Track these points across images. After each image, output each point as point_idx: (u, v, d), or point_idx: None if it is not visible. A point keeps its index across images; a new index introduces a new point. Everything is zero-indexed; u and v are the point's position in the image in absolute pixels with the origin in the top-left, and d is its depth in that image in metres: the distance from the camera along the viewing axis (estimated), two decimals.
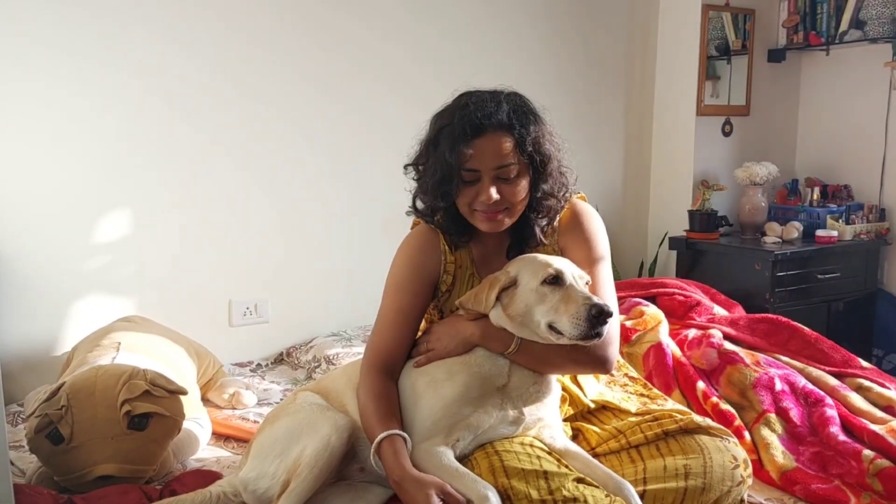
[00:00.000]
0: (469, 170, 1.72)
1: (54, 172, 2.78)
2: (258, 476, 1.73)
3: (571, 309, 1.61)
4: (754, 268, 3.66)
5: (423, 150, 1.81)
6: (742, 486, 1.73)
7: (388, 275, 1.88)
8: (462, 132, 1.69)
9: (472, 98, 1.76)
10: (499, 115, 1.71)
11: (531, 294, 1.67)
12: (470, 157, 1.70)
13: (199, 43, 3.00)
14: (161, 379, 2.11)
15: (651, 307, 2.88)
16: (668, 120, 4.21)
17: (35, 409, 2.04)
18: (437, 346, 1.78)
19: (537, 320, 1.66)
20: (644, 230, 4.37)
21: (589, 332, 1.59)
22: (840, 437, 2.20)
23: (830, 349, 2.66)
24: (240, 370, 3.09)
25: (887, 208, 3.99)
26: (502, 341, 1.72)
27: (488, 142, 1.71)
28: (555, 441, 1.76)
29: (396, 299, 1.84)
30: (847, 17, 3.89)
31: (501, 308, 1.71)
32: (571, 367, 1.78)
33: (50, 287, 2.80)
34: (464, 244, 1.89)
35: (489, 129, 1.70)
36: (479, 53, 3.66)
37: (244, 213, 3.17)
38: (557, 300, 1.64)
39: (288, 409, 1.84)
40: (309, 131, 3.28)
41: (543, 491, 1.57)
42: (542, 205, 1.82)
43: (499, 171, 1.72)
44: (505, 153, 1.72)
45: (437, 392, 1.71)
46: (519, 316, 1.69)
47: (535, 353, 1.71)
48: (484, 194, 1.72)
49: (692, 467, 1.70)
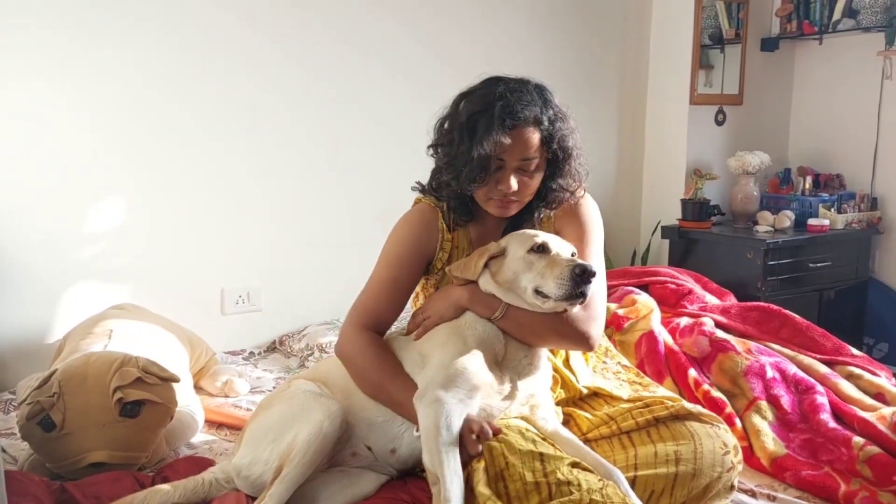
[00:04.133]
0: (499, 159, 1.76)
1: (47, 161, 2.76)
2: (251, 462, 1.74)
3: (556, 271, 1.66)
4: (746, 256, 3.67)
5: (455, 134, 1.80)
6: (732, 471, 1.76)
7: (384, 246, 1.92)
8: (500, 123, 1.73)
9: (504, 86, 1.79)
10: (534, 109, 1.77)
11: (518, 262, 1.72)
12: (506, 148, 1.74)
13: (193, 32, 2.98)
14: (153, 366, 2.11)
15: (643, 295, 2.89)
16: (661, 109, 4.21)
17: (27, 397, 2.03)
18: (430, 314, 1.83)
19: (524, 286, 1.71)
20: (637, 219, 4.38)
21: (573, 292, 1.64)
22: (830, 424, 2.21)
23: (821, 337, 2.67)
24: (232, 358, 3.09)
25: (879, 197, 4.00)
26: (489, 306, 1.76)
27: (521, 135, 1.76)
28: (546, 423, 1.78)
29: (391, 269, 1.88)
30: (840, 6, 3.89)
31: (490, 275, 1.77)
32: (555, 339, 1.80)
33: (42, 275, 2.79)
34: (463, 225, 1.94)
35: (524, 123, 1.75)
36: (472, 43, 3.65)
37: (237, 201, 3.16)
38: (543, 266, 1.69)
39: (282, 396, 1.85)
40: (303, 120, 3.27)
41: (538, 473, 1.58)
42: (553, 196, 1.88)
43: (522, 164, 1.78)
44: (532, 147, 1.78)
45: (445, 349, 1.73)
46: (506, 282, 1.74)
47: (521, 320, 1.75)
48: (504, 184, 1.78)
49: (682, 453, 1.72)
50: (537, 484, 1.57)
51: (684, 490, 1.70)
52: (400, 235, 1.91)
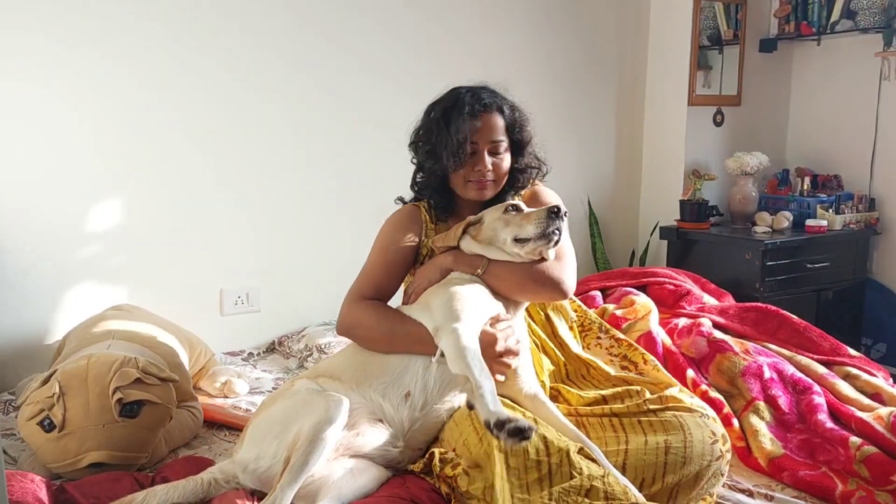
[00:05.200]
0: (472, 142, 1.99)
1: (47, 161, 2.77)
2: (258, 456, 1.77)
3: (532, 217, 1.89)
4: (744, 257, 3.68)
5: (433, 127, 2.03)
6: (721, 460, 1.86)
7: (374, 240, 2.11)
8: (471, 109, 1.98)
9: (467, 89, 2.05)
10: (496, 99, 2.05)
11: (497, 222, 1.95)
12: (477, 129, 1.99)
13: (192, 33, 2.98)
14: (153, 367, 2.12)
15: (641, 296, 2.89)
16: (659, 110, 4.21)
17: (27, 397, 2.04)
18: (420, 282, 2.02)
19: (504, 238, 1.92)
20: (635, 219, 4.38)
21: (549, 228, 1.85)
22: (828, 425, 2.22)
23: (819, 338, 2.68)
24: (231, 359, 3.10)
25: (877, 198, 4.01)
26: (472, 264, 1.96)
27: (488, 119, 2.01)
28: (528, 386, 1.92)
29: (384, 254, 2.07)
30: (838, 7, 3.90)
31: (470, 237, 1.99)
32: (533, 287, 1.95)
33: (42, 276, 2.79)
34: (444, 220, 2.13)
35: (489, 108, 2.02)
36: (470, 45, 3.66)
37: (236, 201, 3.17)
38: (520, 219, 1.91)
39: (284, 394, 1.89)
40: (300, 121, 3.28)
41: (541, 452, 1.68)
42: (520, 177, 2.12)
43: (492, 146, 2.02)
44: (499, 130, 2.04)
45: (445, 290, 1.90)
46: (487, 240, 1.96)
47: (501, 274, 1.94)
48: (480, 164, 2.01)
49: (672, 443, 1.82)
50: (538, 462, 1.66)
51: (675, 476, 1.79)
52: (388, 228, 2.11)
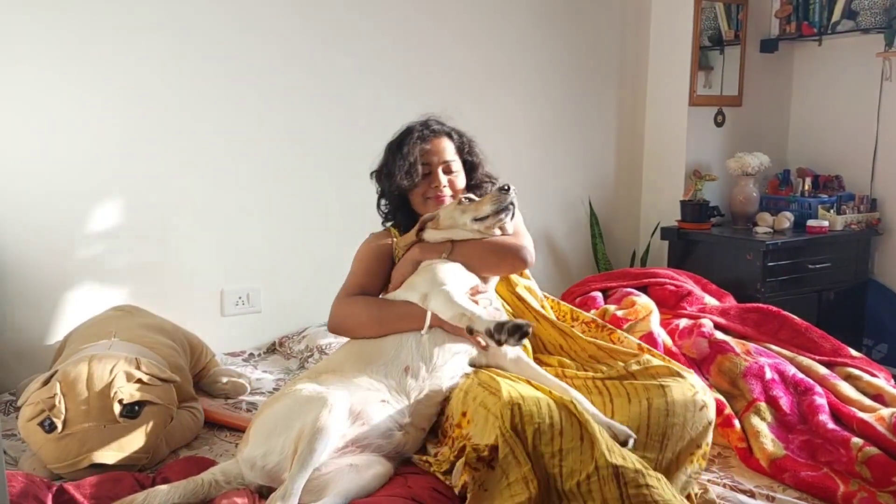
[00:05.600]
0: (425, 163, 2.26)
1: (47, 162, 2.77)
2: (265, 453, 1.80)
3: (486, 199, 2.14)
4: (746, 258, 3.68)
5: (389, 155, 2.30)
6: (705, 409, 1.94)
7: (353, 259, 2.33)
8: (420, 135, 2.28)
9: (419, 123, 2.33)
10: (445, 128, 2.35)
11: (453, 211, 2.18)
12: (427, 151, 2.27)
13: (195, 33, 2.98)
14: (153, 368, 2.12)
15: (642, 297, 2.89)
16: (660, 110, 4.21)
17: (28, 398, 2.04)
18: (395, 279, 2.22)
19: (463, 221, 2.15)
20: (636, 220, 4.38)
21: (504, 203, 2.10)
22: (829, 426, 2.21)
23: (820, 338, 2.67)
24: (232, 360, 3.09)
25: (878, 198, 4.01)
26: (438, 250, 2.17)
27: (438, 143, 2.30)
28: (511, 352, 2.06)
29: (366, 262, 2.29)
30: (839, 8, 3.90)
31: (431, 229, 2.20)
32: (495, 258, 2.17)
33: (42, 276, 2.80)
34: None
35: (438, 134, 2.32)
36: (472, 46, 3.66)
37: (237, 202, 3.17)
38: (475, 205, 2.16)
39: (287, 392, 1.91)
40: (303, 123, 3.28)
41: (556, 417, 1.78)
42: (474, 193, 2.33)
43: (444, 166, 2.29)
44: (450, 151, 2.32)
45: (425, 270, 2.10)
46: (447, 227, 2.18)
47: (466, 251, 2.16)
48: (436, 180, 2.28)
49: (653, 398, 1.92)
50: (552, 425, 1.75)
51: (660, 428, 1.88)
52: (363, 245, 2.35)
